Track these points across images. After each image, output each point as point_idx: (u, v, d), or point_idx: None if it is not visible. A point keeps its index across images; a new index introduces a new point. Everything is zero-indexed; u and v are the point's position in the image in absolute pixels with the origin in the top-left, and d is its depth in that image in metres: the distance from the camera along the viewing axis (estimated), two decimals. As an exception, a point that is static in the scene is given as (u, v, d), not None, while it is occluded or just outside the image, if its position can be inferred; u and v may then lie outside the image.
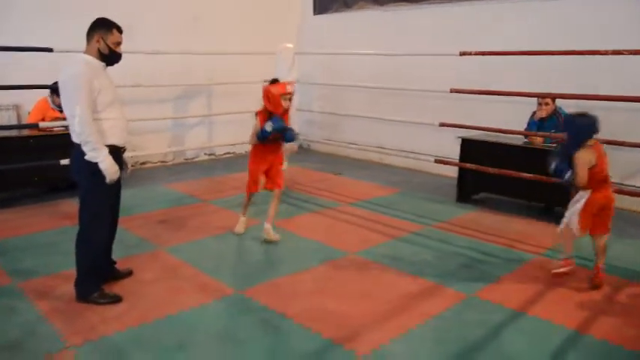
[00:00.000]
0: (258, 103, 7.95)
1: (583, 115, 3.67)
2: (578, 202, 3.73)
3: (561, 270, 3.91)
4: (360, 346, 2.95)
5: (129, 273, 3.86)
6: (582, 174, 3.57)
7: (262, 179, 4.66)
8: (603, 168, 3.65)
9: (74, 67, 3.23)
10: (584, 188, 3.67)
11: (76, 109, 3.15)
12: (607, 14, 5.78)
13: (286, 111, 4.46)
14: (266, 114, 4.41)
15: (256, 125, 4.42)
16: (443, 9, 7.34)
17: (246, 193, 4.78)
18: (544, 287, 3.76)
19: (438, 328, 3.20)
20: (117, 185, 3.49)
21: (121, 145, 3.46)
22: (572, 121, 3.70)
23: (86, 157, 3.22)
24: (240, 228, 4.80)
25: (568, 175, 3.63)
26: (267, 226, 4.59)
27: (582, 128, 3.61)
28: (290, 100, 4.45)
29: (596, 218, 3.75)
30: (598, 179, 3.64)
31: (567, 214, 3.83)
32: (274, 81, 4.51)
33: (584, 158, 3.56)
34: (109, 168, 3.25)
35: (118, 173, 3.33)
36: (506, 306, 3.46)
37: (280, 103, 4.34)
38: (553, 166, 3.74)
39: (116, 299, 3.45)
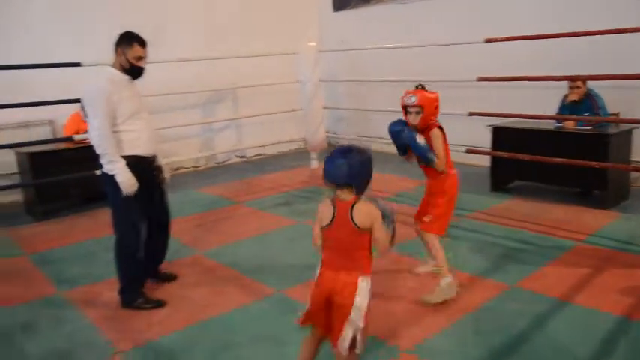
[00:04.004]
0: (283, 103, 8.10)
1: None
2: None
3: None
4: (403, 342, 2.95)
5: (174, 277, 3.93)
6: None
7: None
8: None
9: (95, 82, 3.33)
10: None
11: (94, 123, 3.25)
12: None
13: (414, 127, 3.38)
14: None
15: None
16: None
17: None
18: (587, 274, 3.69)
19: (480, 320, 3.17)
20: (148, 193, 3.53)
21: (148, 155, 3.51)
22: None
23: (103, 170, 3.32)
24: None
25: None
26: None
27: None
28: (415, 112, 3.32)
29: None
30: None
31: None
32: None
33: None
34: (125, 181, 3.30)
35: (135, 186, 3.35)
36: (549, 295, 3.40)
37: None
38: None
39: (160, 304, 3.52)
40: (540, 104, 5.76)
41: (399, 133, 3.35)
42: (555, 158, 4.92)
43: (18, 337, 3.23)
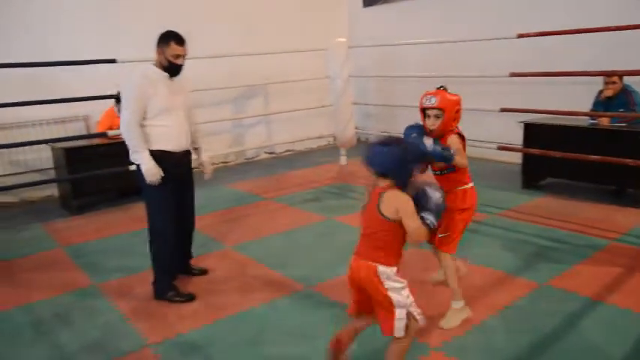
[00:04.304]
0: (313, 99, 8.11)
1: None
2: None
3: None
4: (432, 339, 2.94)
5: (204, 271, 4.00)
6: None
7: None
8: None
9: (130, 77, 3.46)
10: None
11: (124, 115, 3.40)
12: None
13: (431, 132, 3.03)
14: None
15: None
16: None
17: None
18: (620, 274, 3.62)
19: (511, 318, 3.14)
20: (175, 187, 3.61)
21: (176, 151, 3.58)
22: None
23: (130, 159, 3.46)
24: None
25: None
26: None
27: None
28: (434, 116, 2.99)
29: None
30: None
31: None
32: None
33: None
34: (147, 169, 3.41)
35: (159, 175, 3.44)
36: (581, 294, 3.35)
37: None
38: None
39: (190, 298, 3.58)
40: (572, 100, 5.64)
41: (408, 137, 2.99)
42: (588, 155, 4.81)
43: (53, 327, 3.33)
